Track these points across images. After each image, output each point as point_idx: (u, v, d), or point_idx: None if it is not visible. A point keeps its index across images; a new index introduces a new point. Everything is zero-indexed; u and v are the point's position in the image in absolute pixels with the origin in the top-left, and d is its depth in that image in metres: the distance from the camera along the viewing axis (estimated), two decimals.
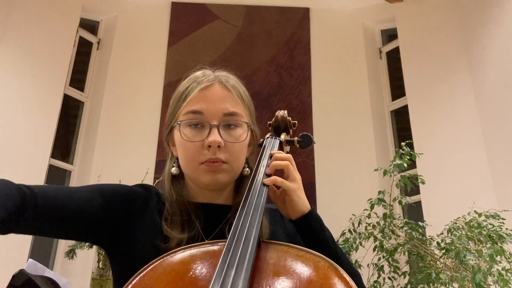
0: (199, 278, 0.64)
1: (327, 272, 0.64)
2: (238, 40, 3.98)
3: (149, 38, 3.97)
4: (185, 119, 0.84)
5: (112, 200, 0.82)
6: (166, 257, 0.68)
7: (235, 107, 0.86)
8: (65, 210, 0.75)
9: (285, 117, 1.03)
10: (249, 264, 0.61)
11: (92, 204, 0.79)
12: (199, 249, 0.70)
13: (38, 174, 3.20)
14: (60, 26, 3.64)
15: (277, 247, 0.70)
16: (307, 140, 0.99)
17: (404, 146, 2.37)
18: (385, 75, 4.01)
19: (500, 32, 3.07)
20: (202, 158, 0.82)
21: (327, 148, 3.57)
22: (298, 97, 3.80)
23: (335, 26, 4.06)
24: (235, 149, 0.84)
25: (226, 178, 0.84)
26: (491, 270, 1.95)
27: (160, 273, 0.66)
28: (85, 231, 0.80)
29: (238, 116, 0.86)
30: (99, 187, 0.83)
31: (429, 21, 3.63)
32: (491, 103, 3.05)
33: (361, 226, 2.40)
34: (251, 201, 0.75)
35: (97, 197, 0.80)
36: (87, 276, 3.02)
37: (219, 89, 0.86)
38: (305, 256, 0.67)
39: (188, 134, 0.83)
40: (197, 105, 0.84)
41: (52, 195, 0.75)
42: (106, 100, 3.71)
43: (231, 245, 0.65)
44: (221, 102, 0.84)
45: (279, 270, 0.65)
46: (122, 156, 3.48)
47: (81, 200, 0.78)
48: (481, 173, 2.95)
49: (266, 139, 0.97)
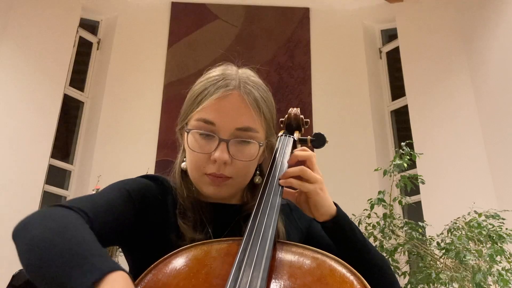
0: (214, 275, 0.63)
1: (343, 276, 0.63)
2: (238, 40, 3.98)
3: (149, 38, 3.97)
4: (195, 128, 0.80)
5: (141, 205, 0.80)
6: (180, 252, 0.68)
7: (250, 122, 0.80)
8: (112, 226, 0.73)
9: (298, 115, 1.00)
10: (266, 264, 0.61)
11: (124, 212, 0.76)
12: (213, 246, 0.69)
13: (38, 174, 3.20)
14: (60, 26, 3.64)
15: (292, 248, 0.70)
16: (321, 139, 0.97)
17: (404, 146, 2.37)
18: (385, 75, 4.01)
19: (500, 32, 3.07)
20: (206, 170, 0.79)
21: (327, 148, 3.55)
22: (298, 97, 3.80)
23: (335, 26, 4.06)
24: (243, 166, 0.80)
25: (229, 191, 0.82)
26: (491, 270, 1.95)
27: (174, 268, 0.65)
28: (119, 240, 0.80)
29: (252, 132, 0.80)
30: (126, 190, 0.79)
31: (429, 21, 3.63)
32: (491, 103, 3.05)
33: (361, 226, 2.40)
34: (267, 200, 0.74)
35: (127, 203, 0.77)
36: None
37: (238, 99, 0.80)
38: (321, 259, 0.67)
39: (197, 142, 0.80)
40: (211, 115, 0.79)
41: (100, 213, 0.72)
42: (106, 100, 3.71)
43: (248, 244, 0.65)
44: (236, 114, 0.79)
45: (295, 272, 0.64)
46: (122, 156, 3.48)
47: (119, 211, 0.75)
48: (481, 173, 2.95)
49: (279, 137, 0.94)
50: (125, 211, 0.76)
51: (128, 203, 0.77)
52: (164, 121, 3.62)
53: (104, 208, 0.72)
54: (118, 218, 0.74)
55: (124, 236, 0.78)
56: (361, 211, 2.42)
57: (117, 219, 0.74)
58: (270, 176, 0.80)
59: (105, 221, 0.71)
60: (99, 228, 0.67)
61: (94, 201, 0.73)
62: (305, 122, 1.03)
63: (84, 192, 3.34)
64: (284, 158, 0.85)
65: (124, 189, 0.79)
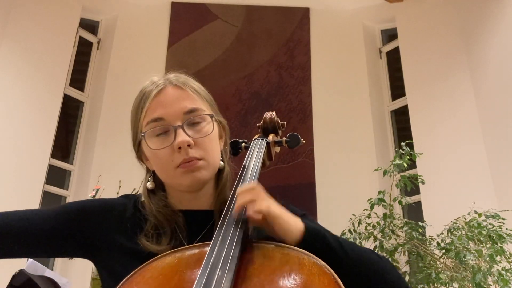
0: (185, 280, 0.65)
1: (312, 269, 0.64)
2: (238, 40, 3.98)
3: (149, 38, 3.97)
4: (148, 129, 0.83)
5: (75, 217, 0.84)
6: (153, 262, 0.69)
7: (193, 103, 0.84)
8: (25, 231, 0.80)
9: (273, 119, 1.02)
10: (232, 265, 0.62)
11: (51, 222, 0.82)
12: (185, 252, 0.71)
13: (38, 174, 3.20)
14: (60, 26, 3.64)
15: (261, 246, 0.70)
16: (295, 140, 0.98)
17: (404, 146, 2.37)
18: (385, 75, 4.01)
19: (500, 31, 3.07)
20: (176, 162, 0.81)
21: (327, 148, 3.57)
22: (298, 97, 3.80)
23: (335, 26, 4.06)
24: (206, 144, 0.83)
25: (205, 174, 0.83)
26: (491, 270, 1.95)
27: (148, 277, 0.67)
28: (50, 249, 0.84)
29: (199, 111, 0.84)
30: (68, 205, 0.89)
31: (429, 21, 3.63)
32: (491, 102, 3.05)
33: (361, 226, 2.40)
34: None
35: (60, 215, 0.84)
36: (87, 276, 3.02)
37: (172, 90, 0.85)
38: (290, 254, 0.67)
39: (156, 143, 0.82)
40: (156, 113, 0.83)
41: (9, 219, 0.80)
42: (106, 100, 3.71)
43: (215, 246, 0.66)
44: (178, 102, 0.83)
45: (264, 270, 0.65)
46: (122, 156, 3.47)
47: (41, 219, 0.82)
48: (481, 173, 2.95)
49: (253, 141, 0.96)
50: (46, 220, 0.82)
51: (58, 214, 0.84)
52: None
53: (12, 216, 0.81)
54: (32, 229, 0.80)
55: (52, 246, 0.83)
56: (361, 211, 2.42)
57: (30, 229, 0.80)
58: (242, 177, 0.81)
59: (11, 226, 0.79)
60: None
61: (12, 212, 0.83)
62: (282, 124, 1.05)
63: (84, 192, 3.34)
64: (256, 161, 0.87)
65: (66, 204, 0.90)
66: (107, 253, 0.81)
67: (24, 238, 0.80)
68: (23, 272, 1.33)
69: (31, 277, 1.33)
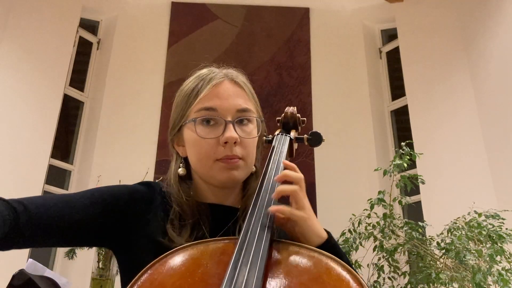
0: (210, 275, 0.63)
1: (340, 274, 0.63)
2: (238, 40, 3.98)
3: (149, 38, 3.97)
4: (198, 116, 0.83)
5: (110, 207, 0.80)
6: (176, 252, 0.67)
7: (247, 103, 0.86)
8: (61, 220, 0.74)
9: (294, 114, 1.01)
10: (262, 263, 0.61)
11: (88, 212, 0.77)
12: (209, 246, 0.69)
13: (38, 174, 3.20)
14: (60, 26, 3.64)
15: (289, 246, 0.69)
16: (317, 138, 0.96)
17: (404, 146, 2.37)
18: (385, 75, 4.01)
19: (500, 32, 3.07)
20: (218, 155, 0.81)
21: (327, 148, 3.56)
22: (298, 97, 3.80)
23: (335, 26, 4.06)
24: (249, 145, 0.84)
25: (241, 174, 0.83)
26: (491, 270, 1.95)
27: (170, 268, 0.65)
28: (85, 238, 0.80)
29: (250, 112, 0.86)
30: (99, 193, 0.82)
31: (429, 21, 3.63)
32: (491, 103, 3.05)
33: (361, 226, 2.40)
34: (263, 199, 0.74)
35: (96, 204, 0.79)
36: (87, 276, 3.02)
37: (230, 85, 0.86)
38: (317, 257, 0.66)
39: (202, 131, 0.82)
40: (211, 102, 0.83)
41: (46, 206, 0.74)
42: (106, 100, 3.71)
43: (244, 243, 0.65)
44: (233, 98, 0.84)
45: (291, 271, 0.64)
46: (122, 156, 3.48)
47: (78, 208, 0.77)
48: (481, 173, 2.95)
49: (276, 136, 0.95)
50: (84, 207, 0.77)
51: (94, 201, 0.79)
52: (164, 121, 3.61)
53: (51, 201, 0.75)
54: (68, 212, 0.75)
55: (88, 235, 0.78)
56: (361, 211, 2.42)
57: (66, 212, 0.75)
58: (267, 175, 0.80)
59: (43, 212, 0.72)
60: (36, 216, 0.71)
61: (47, 196, 0.77)
62: (302, 121, 1.03)
63: None
64: (281, 157, 0.85)
65: (98, 190, 0.82)
66: (136, 243, 0.80)
67: (76, 228, 0.76)
68: (23, 272, 1.33)
69: (31, 277, 1.33)
